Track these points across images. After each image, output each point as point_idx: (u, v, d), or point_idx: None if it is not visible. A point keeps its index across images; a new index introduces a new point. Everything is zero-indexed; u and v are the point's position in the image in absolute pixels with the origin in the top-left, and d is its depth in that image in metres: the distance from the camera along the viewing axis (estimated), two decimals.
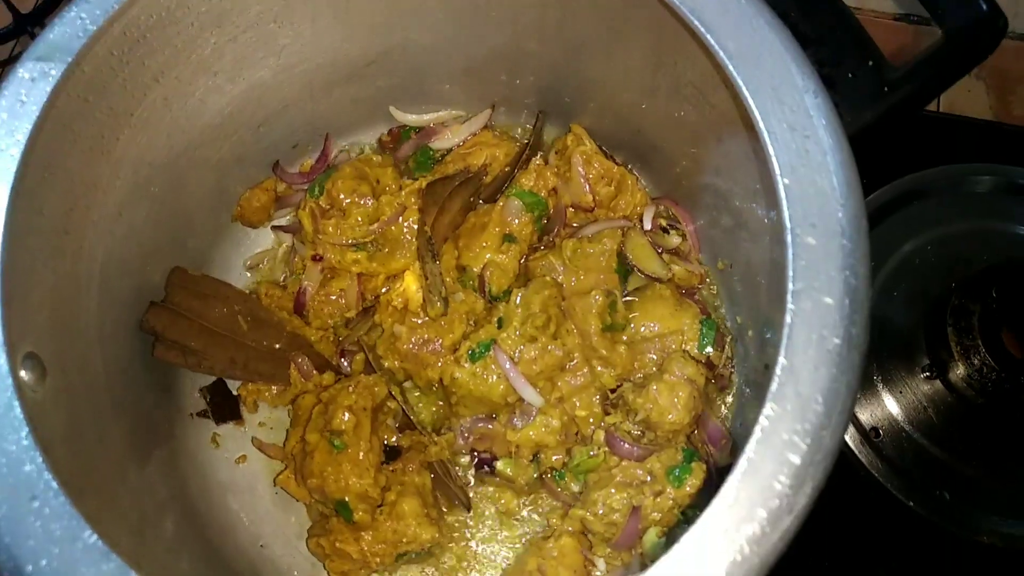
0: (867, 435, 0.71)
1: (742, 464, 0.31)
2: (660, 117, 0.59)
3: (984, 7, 0.38)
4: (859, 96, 0.40)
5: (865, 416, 0.72)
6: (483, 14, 0.55)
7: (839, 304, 0.33)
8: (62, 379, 0.44)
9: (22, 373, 0.38)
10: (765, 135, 0.36)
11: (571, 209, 0.66)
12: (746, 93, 0.37)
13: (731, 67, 0.38)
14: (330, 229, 0.63)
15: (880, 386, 0.73)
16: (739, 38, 0.38)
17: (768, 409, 0.32)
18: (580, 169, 0.64)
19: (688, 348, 0.60)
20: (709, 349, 0.59)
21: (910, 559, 0.69)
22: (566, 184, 0.65)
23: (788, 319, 0.33)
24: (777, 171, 0.36)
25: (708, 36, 0.38)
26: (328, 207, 0.64)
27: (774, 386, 0.32)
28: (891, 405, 0.73)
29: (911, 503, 0.68)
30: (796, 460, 0.31)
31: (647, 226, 0.63)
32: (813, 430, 0.32)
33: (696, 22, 0.39)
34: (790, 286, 0.34)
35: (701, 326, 0.60)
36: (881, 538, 0.69)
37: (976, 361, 0.69)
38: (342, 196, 0.64)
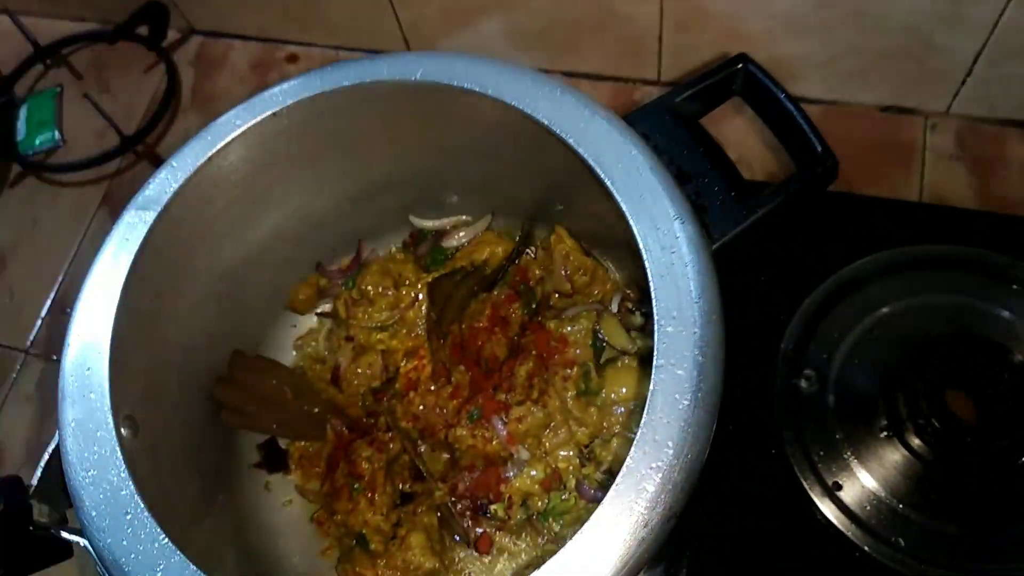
0: (829, 488, 0.80)
1: (612, 492, 0.44)
2: (619, 224, 0.72)
3: (819, 148, 0.50)
4: (725, 219, 0.53)
5: (828, 471, 0.81)
6: (469, 148, 0.70)
7: (689, 375, 0.46)
8: (150, 436, 0.60)
9: (122, 430, 0.54)
10: (643, 252, 0.49)
11: (555, 295, 0.79)
12: (631, 222, 0.50)
13: (620, 201, 0.51)
14: (360, 315, 0.79)
15: (843, 445, 0.82)
16: (627, 180, 0.52)
17: (632, 452, 0.44)
18: (561, 263, 0.78)
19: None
20: None
21: None
22: (549, 275, 0.79)
23: (652, 386, 0.46)
24: (650, 278, 0.49)
25: (605, 178, 0.52)
26: (359, 297, 0.80)
27: (638, 435, 0.45)
28: (852, 462, 0.81)
29: (867, 548, 0.76)
30: (651, 488, 0.43)
31: (615, 308, 0.76)
32: (665, 467, 0.44)
33: (597, 168, 0.52)
34: (655, 362, 0.46)
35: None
36: None
37: (922, 422, 0.78)
38: (370, 288, 0.79)
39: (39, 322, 1.11)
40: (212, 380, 0.73)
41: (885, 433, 0.81)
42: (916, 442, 0.79)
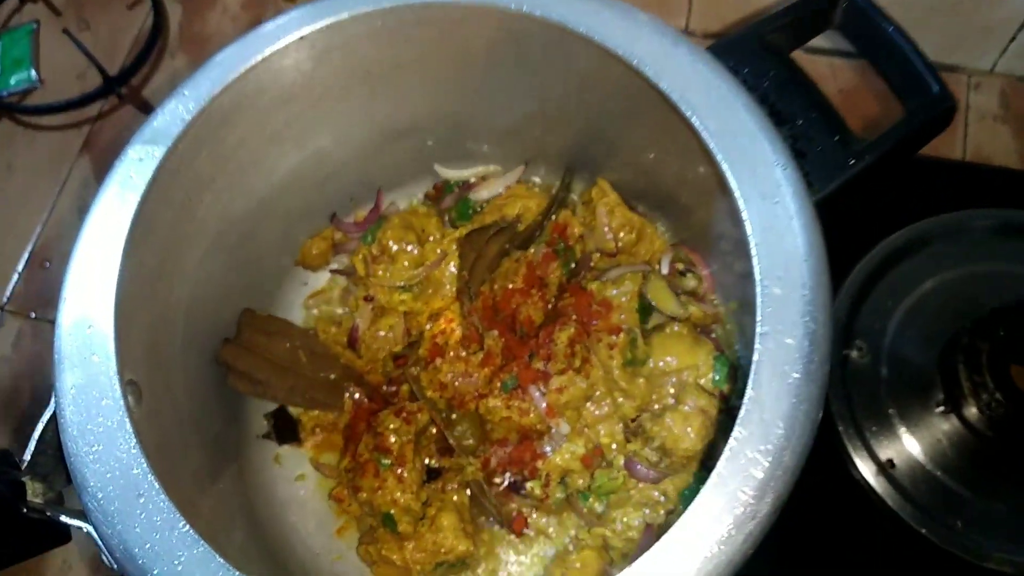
0: (882, 466, 0.75)
1: (713, 478, 0.37)
2: (674, 174, 0.65)
3: (935, 89, 0.44)
4: (827, 167, 0.46)
5: (881, 449, 0.76)
6: (512, 88, 0.62)
7: (799, 345, 0.39)
8: (153, 403, 0.53)
9: (128, 397, 0.47)
10: (740, 201, 0.43)
11: (596, 254, 0.72)
12: (724, 166, 0.44)
13: (711, 143, 0.44)
14: (380, 272, 0.72)
15: (896, 420, 0.77)
16: (719, 119, 0.45)
17: (736, 432, 0.38)
18: (604, 219, 0.71)
19: (702, 382, 0.65)
20: (720, 381, 0.65)
21: None
22: (591, 232, 0.72)
23: (756, 356, 0.39)
24: (749, 232, 0.42)
25: (693, 117, 0.45)
26: (379, 253, 0.72)
27: (742, 412, 0.38)
28: (906, 438, 0.76)
29: (923, 530, 0.72)
30: (759, 475, 0.37)
31: (665, 270, 0.70)
32: (775, 450, 0.38)
33: (683, 106, 0.45)
34: (758, 329, 0.40)
35: (715, 362, 0.66)
36: (894, 564, 0.73)
37: (986, 397, 0.73)
38: (391, 243, 0.72)
39: (15, 277, 1.03)
40: (219, 342, 0.65)
41: (942, 408, 0.76)
42: (975, 417, 0.74)
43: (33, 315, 1.00)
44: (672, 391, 0.66)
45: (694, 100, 0.45)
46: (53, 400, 0.44)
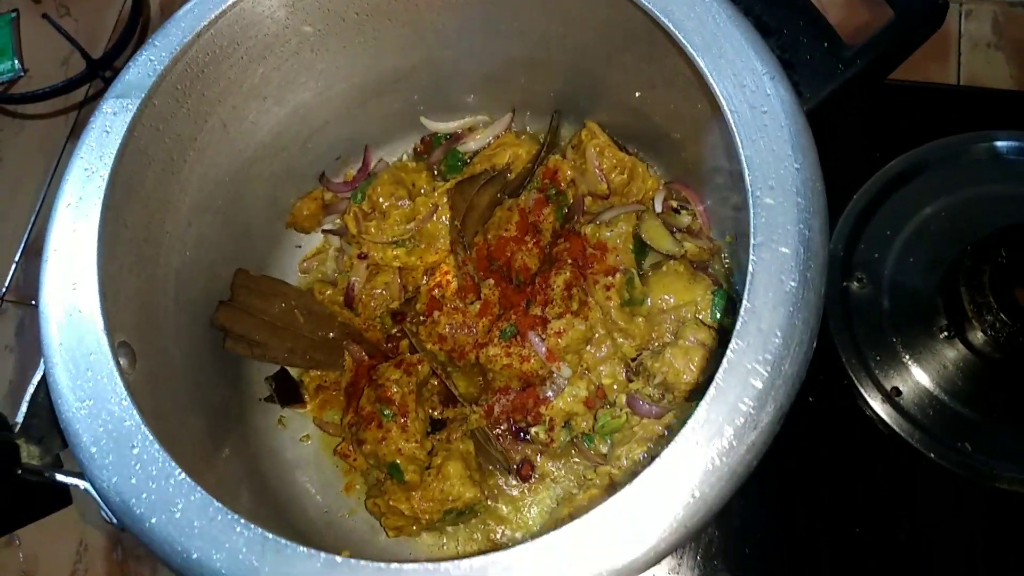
0: (888, 395, 0.75)
1: (711, 390, 0.37)
2: (663, 108, 0.64)
3: None
4: (816, 75, 0.45)
5: (886, 378, 0.75)
6: (493, 30, 0.61)
7: (794, 252, 0.39)
8: (148, 366, 0.52)
9: (120, 359, 0.46)
10: (728, 115, 0.42)
11: (588, 198, 0.71)
12: (711, 80, 0.43)
13: (698, 58, 0.43)
14: (372, 229, 0.71)
15: (900, 348, 0.76)
16: (703, 32, 0.44)
17: (733, 344, 0.37)
18: (594, 161, 0.70)
19: (701, 316, 0.65)
20: (719, 315, 0.64)
21: (934, 507, 0.71)
22: (582, 175, 0.71)
23: (751, 268, 0.39)
24: (739, 144, 0.41)
25: (677, 33, 0.44)
26: (370, 210, 0.72)
27: (739, 324, 0.38)
28: (911, 365, 0.76)
29: (932, 455, 0.71)
30: (759, 385, 0.37)
31: (658, 208, 0.69)
32: (773, 360, 0.37)
33: (666, 20, 0.44)
34: (752, 240, 0.39)
35: (713, 296, 0.65)
36: (905, 490, 0.73)
37: (990, 318, 0.72)
38: (382, 200, 0.71)
39: (13, 267, 1.03)
40: (214, 306, 0.65)
41: (945, 333, 0.76)
42: (980, 340, 0.73)
43: (34, 303, 1.00)
44: (671, 328, 0.65)
45: (677, 15, 0.44)
46: (42, 362, 0.44)
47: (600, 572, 0.36)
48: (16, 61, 1.11)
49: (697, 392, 0.61)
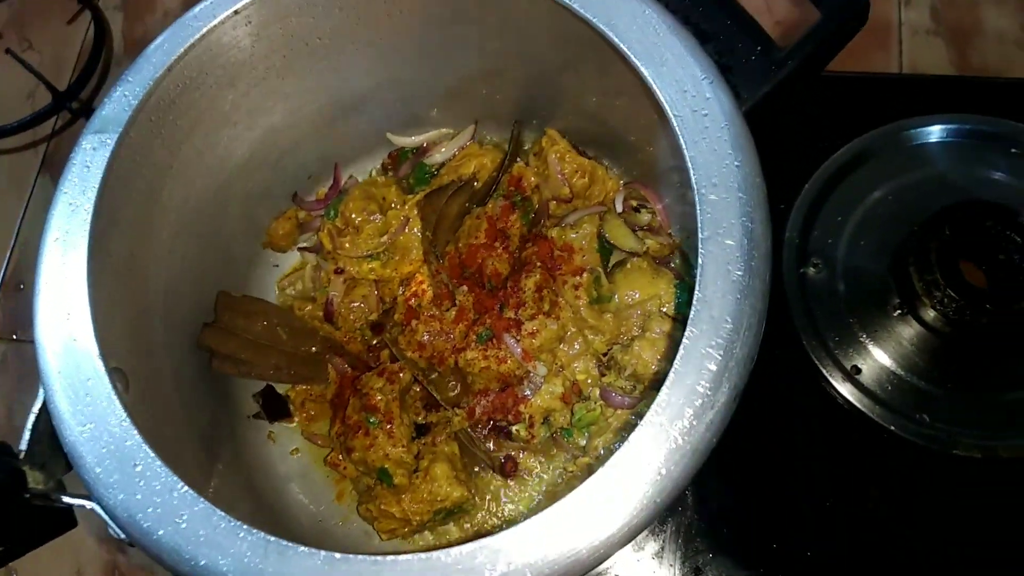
0: (848, 373, 0.78)
1: (671, 376, 0.40)
2: (617, 114, 0.68)
3: None
4: (752, 77, 0.49)
5: (845, 357, 0.79)
6: (451, 46, 0.64)
7: (739, 244, 0.42)
8: (141, 390, 0.54)
9: (117, 384, 0.48)
10: (672, 119, 0.45)
11: (553, 202, 0.75)
12: (655, 87, 0.46)
13: (641, 68, 0.46)
14: (347, 245, 0.73)
15: (857, 328, 0.80)
16: (645, 43, 0.47)
17: (688, 331, 0.41)
18: (556, 166, 0.73)
19: (665, 309, 0.68)
20: (682, 306, 0.67)
21: (897, 476, 0.75)
22: (546, 181, 0.74)
23: (700, 260, 0.42)
24: (683, 146, 0.44)
25: (621, 44, 0.47)
26: (344, 226, 0.74)
27: (692, 313, 0.41)
28: (869, 344, 0.79)
29: (893, 427, 0.75)
30: (713, 368, 0.40)
31: (619, 208, 0.72)
32: (725, 344, 0.40)
33: (610, 33, 0.48)
34: (700, 235, 0.43)
35: (675, 289, 0.68)
36: (871, 461, 0.76)
37: (938, 294, 0.76)
38: (354, 215, 0.73)
39: None
40: (200, 327, 0.67)
41: (898, 311, 0.80)
42: (931, 316, 0.78)
43: (15, 336, 1.01)
44: (638, 322, 0.69)
45: (621, 28, 0.47)
46: (41, 390, 0.46)
47: (580, 549, 0.39)
48: None
49: (664, 379, 0.64)
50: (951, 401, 0.76)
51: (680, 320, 0.66)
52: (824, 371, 0.78)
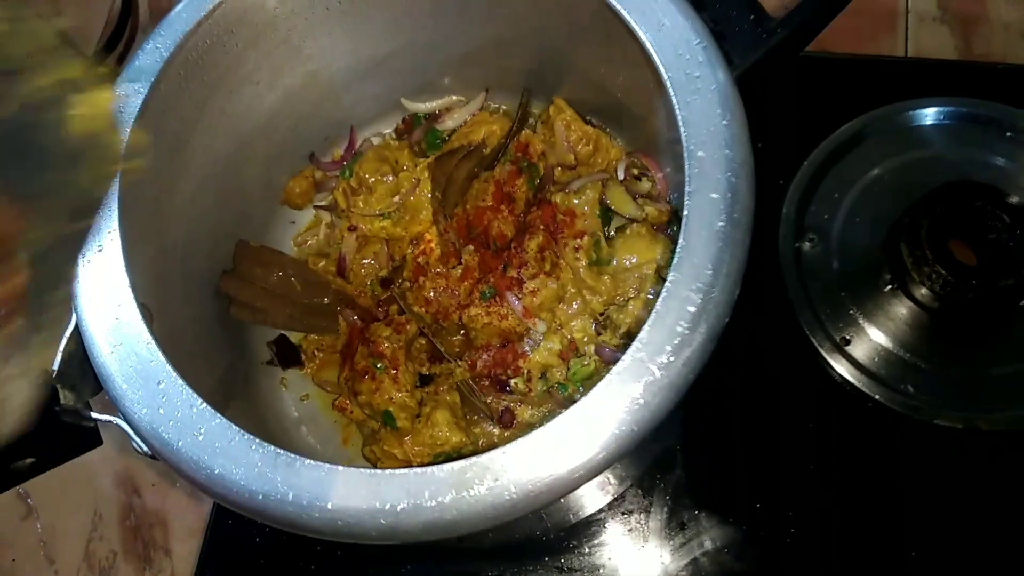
0: (837, 344, 0.81)
1: (652, 316, 0.43)
2: (623, 84, 0.70)
3: None
4: (744, 44, 0.52)
5: (836, 329, 0.82)
6: (465, 14, 0.67)
7: (723, 197, 0.45)
8: (163, 328, 0.58)
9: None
10: (666, 80, 0.48)
11: (558, 169, 0.78)
12: (651, 50, 0.49)
13: (640, 32, 0.50)
14: (360, 204, 0.77)
15: (848, 301, 0.83)
16: (645, 9, 0.50)
17: (671, 276, 0.44)
18: (562, 134, 0.76)
19: (661, 273, 0.71)
20: None
21: (878, 443, 0.78)
22: (552, 148, 0.77)
23: (686, 212, 0.45)
24: (676, 106, 0.48)
25: (622, 11, 0.50)
26: (358, 186, 0.78)
27: (675, 260, 0.44)
28: (858, 316, 0.82)
29: (878, 397, 0.78)
30: (692, 309, 0.43)
31: (621, 176, 0.75)
32: (705, 288, 0.44)
33: (616, 2, 0.51)
34: (687, 188, 0.46)
35: (671, 255, 0.71)
36: (854, 428, 0.79)
37: (927, 270, 0.79)
38: (368, 176, 0.77)
39: None
40: (218, 276, 0.71)
41: (889, 287, 0.83)
42: (920, 292, 0.80)
43: None
44: (635, 284, 0.72)
45: None
46: (74, 315, 0.50)
47: (561, 470, 0.43)
48: None
49: None
50: (935, 374, 0.79)
51: None
52: (815, 341, 0.81)
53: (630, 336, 0.70)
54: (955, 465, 0.77)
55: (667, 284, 0.44)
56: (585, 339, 0.72)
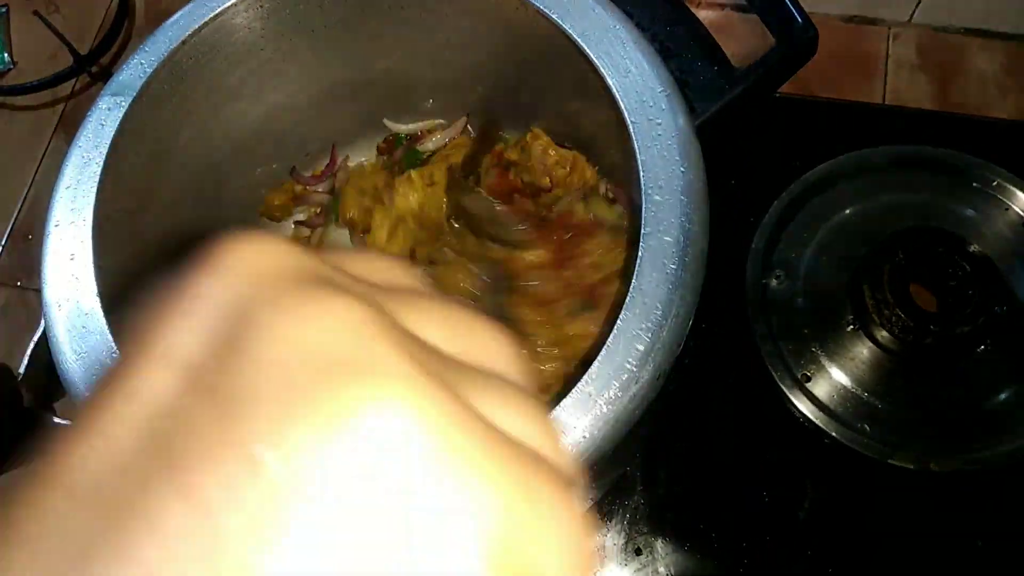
0: (797, 380, 0.84)
1: (603, 352, 0.45)
2: (592, 116, 0.72)
3: (799, 21, 0.51)
4: (707, 93, 0.54)
5: (797, 366, 0.84)
6: (447, 45, 0.69)
7: (676, 241, 0.47)
8: None
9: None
10: (629, 125, 0.50)
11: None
12: (617, 95, 0.51)
13: (608, 78, 0.51)
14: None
15: (811, 339, 0.85)
16: (612, 55, 0.52)
17: (622, 315, 0.45)
18: (539, 157, 0.78)
19: None
20: None
21: (832, 479, 0.81)
22: (528, 171, 0.79)
23: (640, 253, 0.47)
24: (636, 150, 0.49)
25: (592, 56, 0.52)
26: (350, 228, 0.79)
27: (627, 299, 0.46)
28: (820, 355, 0.85)
29: (835, 434, 0.80)
30: (641, 348, 0.45)
31: (602, 190, 0.77)
32: (654, 328, 0.45)
33: (584, 44, 0.53)
34: (643, 230, 0.47)
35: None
36: (808, 463, 0.81)
37: (887, 313, 0.81)
38: (353, 215, 0.78)
39: (0, 249, 1.09)
40: None
41: (851, 327, 0.85)
42: (881, 334, 0.82)
43: (19, 284, 1.06)
44: None
45: (592, 40, 0.52)
46: (42, 320, 0.51)
47: None
48: (6, 54, 1.17)
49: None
50: (892, 414, 0.82)
51: None
52: (776, 376, 0.83)
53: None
54: (907, 503, 0.79)
55: (618, 322, 0.45)
56: None
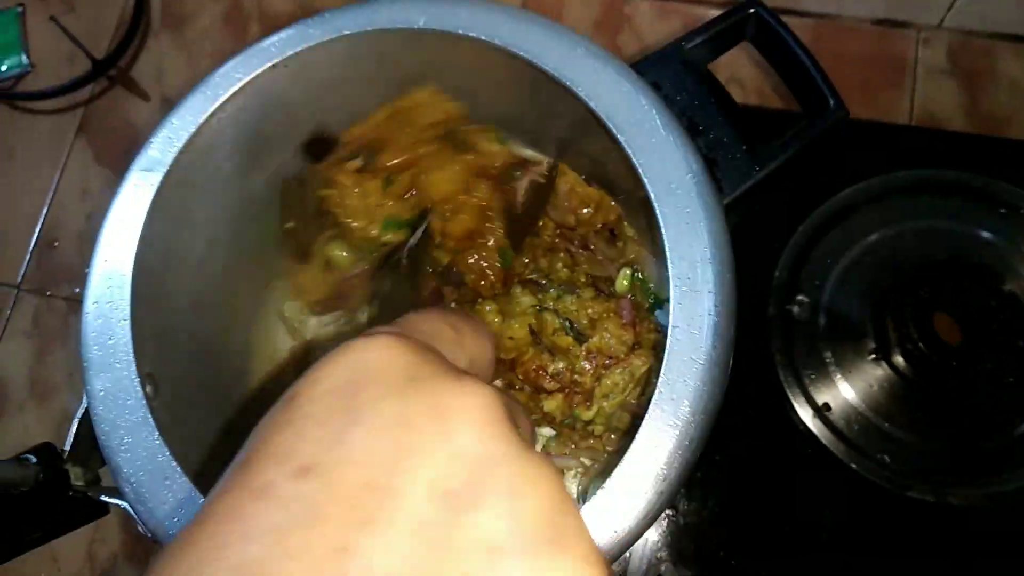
0: (819, 409, 0.84)
1: (632, 449, 0.46)
2: (617, 164, 0.72)
3: (832, 102, 0.51)
4: (736, 173, 0.53)
5: (818, 394, 0.85)
6: (473, 101, 0.69)
7: (704, 336, 0.47)
8: (167, 394, 0.60)
9: (147, 388, 0.54)
10: (658, 215, 0.50)
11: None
12: (646, 183, 0.51)
13: (635, 161, 0.51)
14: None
15: (832, 368, 0.86)
16: (641, 136, 0.51)
17: (650, 411, 0.46)
18: (564, 195, 0.78)
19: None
20: None
21: (851, 510, 0.82)
22: (554, 208, 0.79)
23: (668, 346, 0.47)
24: (665, 238, 0.50)
25: (619, 137, 0.52)
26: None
27: (656, 395, 0.47)
28: (841, 384, 0.85)
29: (854, 465, 0.81)
30: (670, 445, 0.46)
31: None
32: (682, 424, 0.46)
33: (610, 125, 0.52)
34: (671, 323, 0.48)
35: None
36: (827, 494, 0.83)
37: (910, 346, 0.82)
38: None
39: (27, 257, 1.10)
40: (224, 339, 0.73)
41: (873, 356, 0.85)
42: (902, 364, 0.83)
43: (49, 293, 1.08)
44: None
45: (619, 120, 0.52)
46: (85, 399, 0.53)
47: None
48: (24, 56, 1.17)
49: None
50: (911, 446, 0.82)
51: None
52: (796, 405, 0.84)
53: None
54: (925, 536, 0.81)
55: (647, 418, 0.46)
56: None
